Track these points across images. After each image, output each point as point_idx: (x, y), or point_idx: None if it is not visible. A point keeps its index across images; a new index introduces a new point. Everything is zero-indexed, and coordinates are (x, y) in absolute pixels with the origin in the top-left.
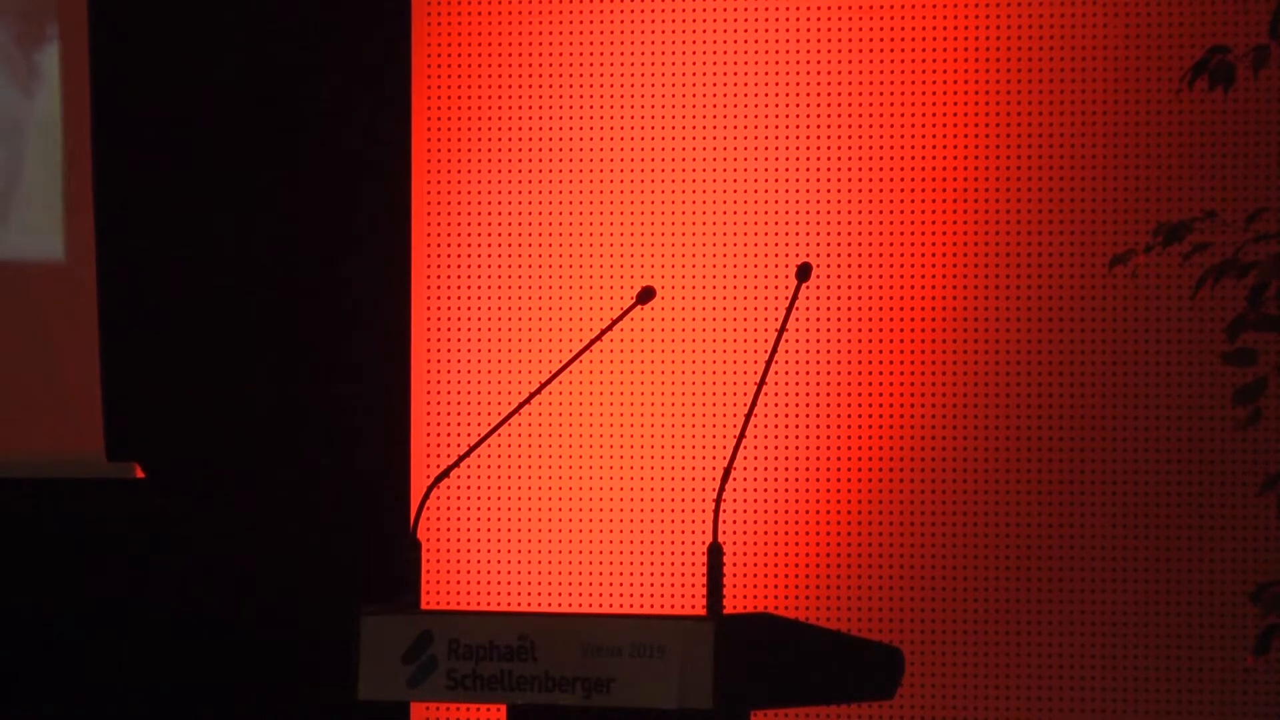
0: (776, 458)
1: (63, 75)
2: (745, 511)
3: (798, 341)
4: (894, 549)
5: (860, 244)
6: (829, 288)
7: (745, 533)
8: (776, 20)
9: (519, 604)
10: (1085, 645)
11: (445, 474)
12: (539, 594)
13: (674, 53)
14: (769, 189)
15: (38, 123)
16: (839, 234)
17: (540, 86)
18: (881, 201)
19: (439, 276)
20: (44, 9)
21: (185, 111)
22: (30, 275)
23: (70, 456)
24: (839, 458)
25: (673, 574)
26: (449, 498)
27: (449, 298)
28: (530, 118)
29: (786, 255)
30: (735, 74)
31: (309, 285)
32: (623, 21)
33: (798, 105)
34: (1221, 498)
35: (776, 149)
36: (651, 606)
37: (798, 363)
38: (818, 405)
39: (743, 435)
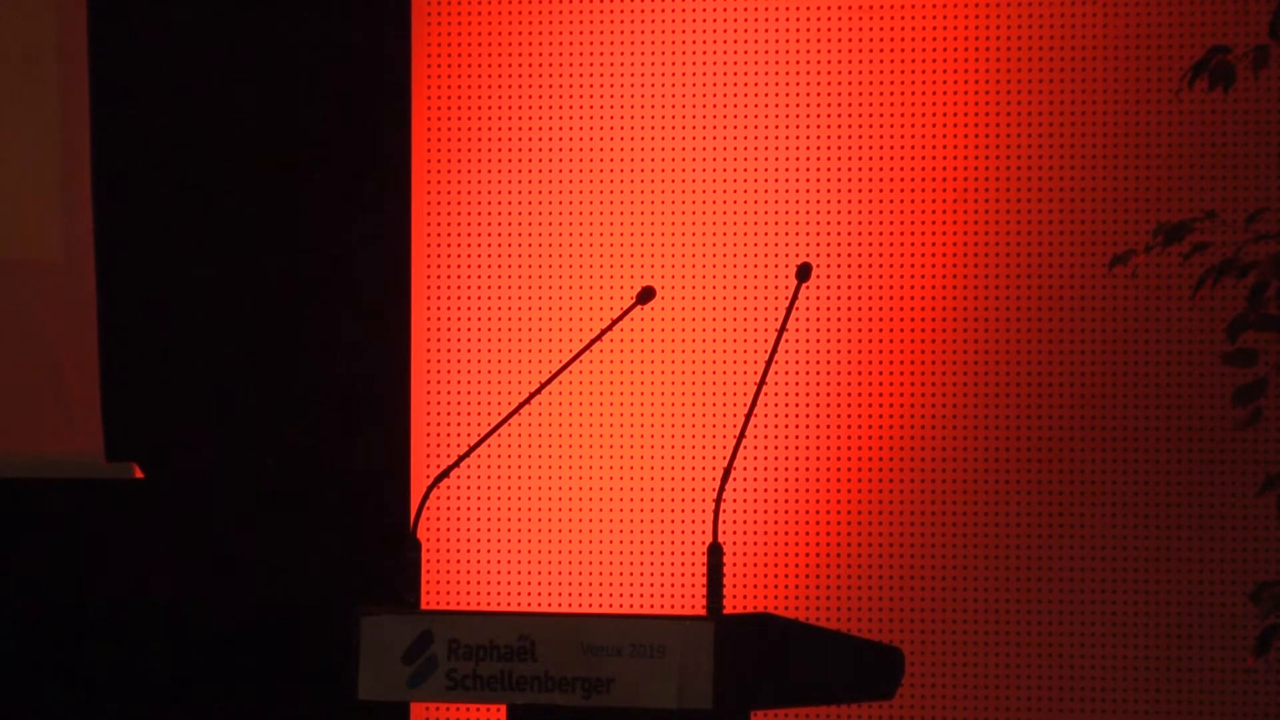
0: (776, 458)
1: (61, 74)
2: (745, 511)
3: (798, 341)
4: (894, 549)
5: (860, 244)
6: (829, 288)
7: (745, 533)
8: (776, 20)
9: (519, 604)
10: (1085, 645)
11: (445, 474)
12: (539, 594)
13: (674, 53)
14: (769, 189)
15: (36, 121)
16: (839, 234)
17: (540, 86)
18: (881, 201)
19: (439, 276)
20: (42, 8)
21: (184, 111)
22: (29, 275)
23: (69, 456)
24: (839, 458)
25: (673, 574)
26: (449, 498)
27: (449, 298)
28: (530, 118)
29: (786, 255)
30: (735, 74)
31: (309, 285)
32: (623, 21)
33: (798, 105)
34: (1221, 498)
35: (776, 149)
36: (651, 606)
37: (798, 363)
38: (818, 405)
39: (743, 435)
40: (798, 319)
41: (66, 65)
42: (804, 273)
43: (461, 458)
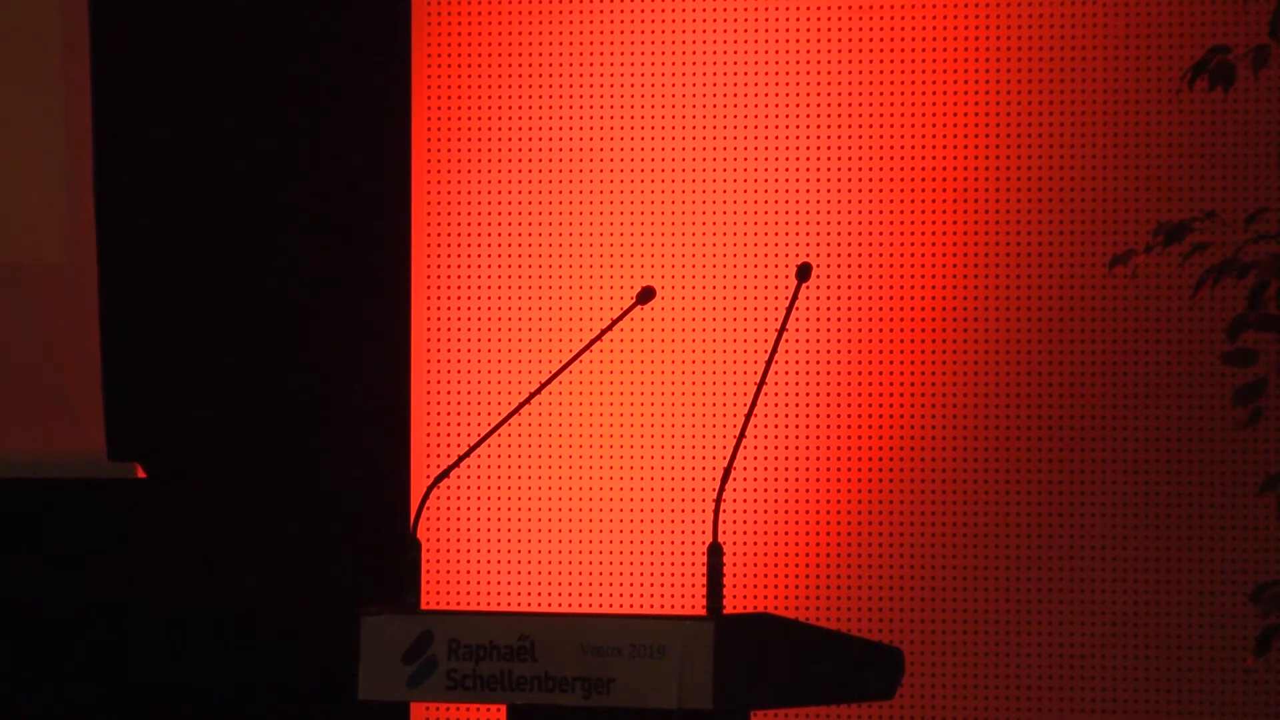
0: (776, 458)
1: (64, 76)
2: (745, 511)
3: (798, 341)
4: (894, 549)
5: (860, 244)
6: (829, 288)
7: (745, 533)
8: (776, 20)
9: (519, 604)
10: (1085, 645)
11: (445, 474)
12: (539, 594)
13: (674, 53)
14: (769, 189)
15: (39, 124)
16: (839, 234)
17: (540, 86)
18: (881, 201)
19: (439, 276)
20: (45, 10)
21: (185, 112)
22: (32, 277)
23: (72, 456)
24: (839, 458)
25: (673, 574)
26: (449, 498)
27: (449, 298)
28: (530, 118)
29: (786, 255)
30: (735, 74)
31: (309, 285)
32: (623, 21)
33: (798, 105)
34: (1221, 498)
35: (776, 149)
36: (651, 606)
37: (798, 363)
38: (818, 405)
39: (743, 435)
40: (798, 319)
41: (69, 69)
42: (804, 273)
43: (461, 458)
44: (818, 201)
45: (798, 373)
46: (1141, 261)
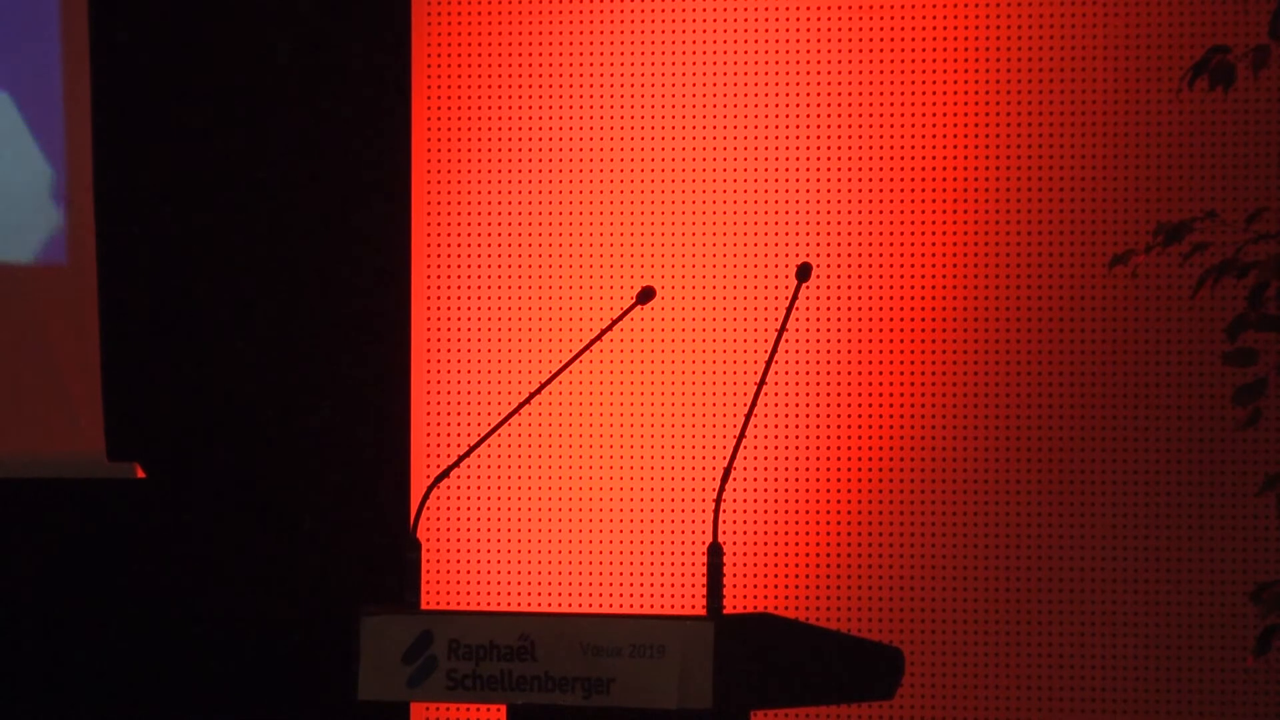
0: (776, 458)
1: (64, 77)
2: (745, 511)
3: (798, 341)
4: (894, 549)
5: (860, 244)
6: (829, 288)
7: (745, 533)
8: (776, 20)
9: (519, 604)
10: (1085, 645)
11: (445, 474)
12: (539, 594)
13: (674, 53)
14: (769, 189)
15: (40, 126)
16: (839, 234)
17: (540, 86)
18: (881, 201)
19: (439, 276)
20: (45, 11)
21: (185, 113)
22: (32, 277)
23: (72, 457)
24: (839, 458)
25: (673, 574)
26: (449, 498)
27: (449, 298)
28: (530, 118)
29: (786, 255)
30: (735, 74)
31: (309, 285)
32: (623, 21)
33: (798, 105)
34: (1221, 498)
35: (776, 149)
36: (651, 606)
37: (798, 363)
38: (818, 405)
39: (743, 435)
40: (798, 319)
41: (69, 67)
42: (804, 273)
43: (461, 458)
44: (818, 201)
45: (798, 373)
46: (1141, 261)
